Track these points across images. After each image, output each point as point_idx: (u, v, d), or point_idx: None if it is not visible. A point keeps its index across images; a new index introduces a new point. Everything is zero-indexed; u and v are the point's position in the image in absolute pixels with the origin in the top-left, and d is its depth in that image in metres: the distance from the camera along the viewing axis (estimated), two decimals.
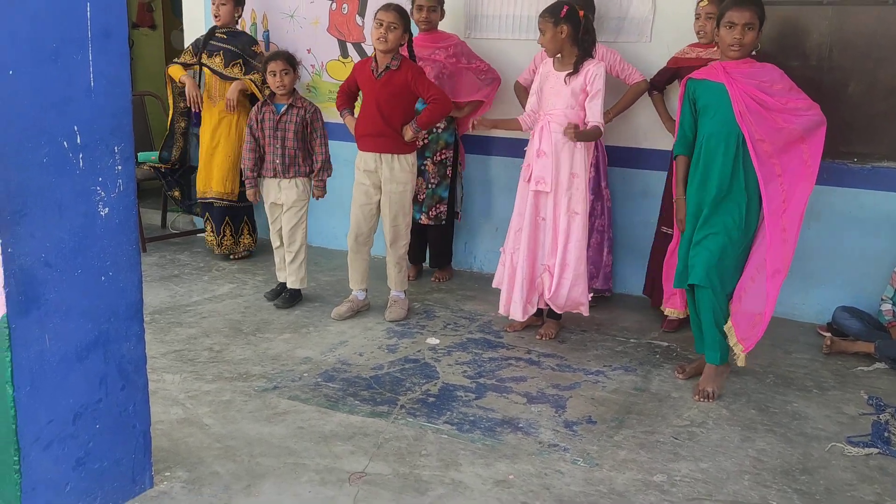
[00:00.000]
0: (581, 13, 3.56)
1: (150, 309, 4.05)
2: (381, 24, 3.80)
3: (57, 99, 2.02)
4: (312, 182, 4.23)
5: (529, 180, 3.70)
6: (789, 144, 3.15)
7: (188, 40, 5.63)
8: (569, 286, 3.69)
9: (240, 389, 3.23)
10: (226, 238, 5.10)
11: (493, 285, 3.94)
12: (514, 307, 3.79)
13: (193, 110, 5.03)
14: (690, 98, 3.28)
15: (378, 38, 3.81)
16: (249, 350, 3.65)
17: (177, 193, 5.41)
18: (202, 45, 4.95)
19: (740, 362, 3.25)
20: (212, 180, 4.99)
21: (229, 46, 4.88)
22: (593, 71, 3.56)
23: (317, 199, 4.28)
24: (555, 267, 3.68)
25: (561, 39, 3.56)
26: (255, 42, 5.05)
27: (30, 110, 1.95)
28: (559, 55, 3.64)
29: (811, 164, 3.16)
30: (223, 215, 5.05)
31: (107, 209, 2.19)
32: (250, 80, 4.83)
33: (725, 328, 3.25)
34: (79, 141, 2.08)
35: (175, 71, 5.02)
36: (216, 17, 4.91)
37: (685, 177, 3.34)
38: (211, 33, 4.96)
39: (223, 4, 4.87)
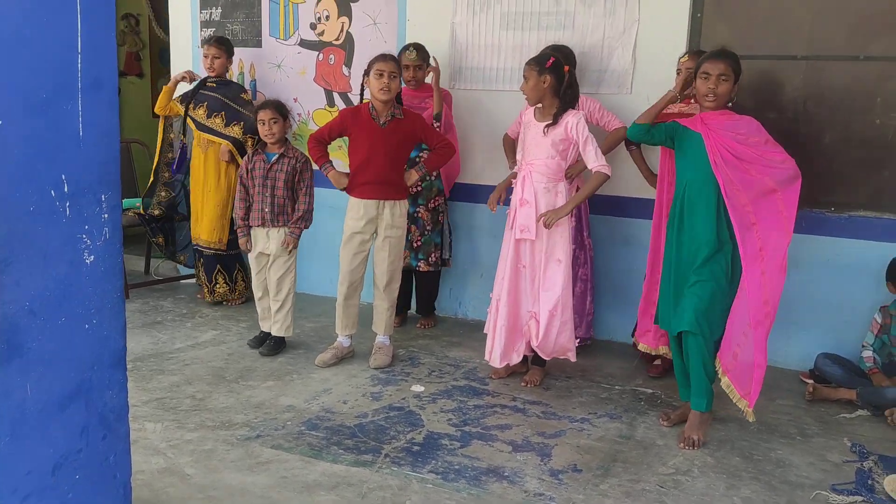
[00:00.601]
0: (567, 68, 3.64)
1: (133, 356, 4.02)
2: (383, 74, 3.86)
3: (46, 148, 2.03)
4: (288, 228, 4.19)
5: (513, 227, 3.75)
6: (763, 194, 3.21)
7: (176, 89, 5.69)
8: (556, 333, 3.71)
9: (222, 438, 3.19)
10: (218, 285, 5.11)
11: (484, 331, 3.95)
12: (494, 354, 3.81)
13: (190, 81, 5.08)
14: (670, 130, 3.36)
15: (381, 89, 3.86)
16: (232, 398, 3.62)
17: (160, 239, 5.43)
18: (191, 96, 5.01)
19: (749, 418, 3.25)
20: (201, 229, 5.02)
21: (217, 95, 4.95)
22: (572, 121, 3.61)
23: (286, 246, 4.14)
24: (541, 314, 3.70)
25: (543, 89, 3.63)
26: (244, 90, 5.13)
27: (19, 160, 1.97)
28: (540, 105, 3.71)
29: (787, 214, 3.21)
30: (214, 263, 5.07)
31: (92, 257, 2.19)
32: (231, 139, 4.88)
33: (723, 385, 3.26)
34: (66, 189, 2.09)
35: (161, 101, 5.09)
36: (209, 69, 4.97)
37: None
38: (202, 83, 5.03)
39: (217, 58, 4.95)
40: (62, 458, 2.17)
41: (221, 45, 4.99)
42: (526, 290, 3.77)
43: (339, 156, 5.19)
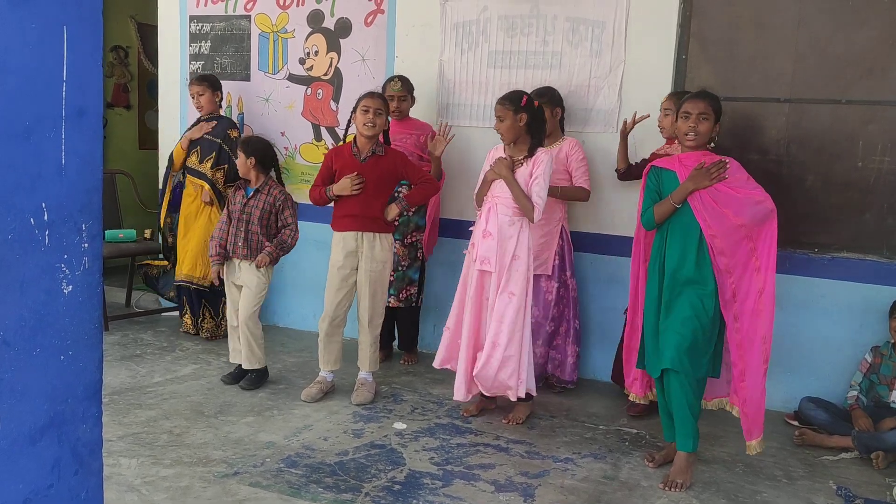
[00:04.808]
0: (536, 103, 3.68)
1: (110, 389, 3.95)
2: (369, 111, 3.90)
3: (27, 176, 2.00)
4: (266, 249, 4.09)
5: (475, 260, 3.74)
6: (738, 241, 3.19)
7: (163, 121, 5.71)
8: (496, 367, 3.65)
9: (199, 475, 3.12)
10: (206, 321, 5.05)
11: (434, 364, 3.95)
12: (458, 386, 3.79)
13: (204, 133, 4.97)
14: (655, 186, 3.34)
15: (365, 124, 3.90)
16: (210, 433, 3.55)
17: (166, 263, 5.29)
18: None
19: (749, 451, 3.29)
20: (185, 264, 4.97)
21: (208, 137, 4.92)
22: (541, 158, 3.66)
23: (257, 265, 4.07)
24: (485, 344, 3.68)
25: (519, 127, 3.66)
26: (233, 126, 5.07)
27: None
28: (513, 143, 3.72)
29: (759, 258, 3.20)
30: (200, 298, 5.01)
31: (70, 287, 2.15)
32: (208, 180, 4.86)
33: (735, 413, 3.27)
34: (46, 218, 2.06)
35: (178, 153, 5.02)
36: (198, 107, 4.97)
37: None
38: (196, 123, 5.01)
39: (201, 95, 4.94)
40: (32, 493, 2.11)
41: (203, 82, 4.96)
42: (487, 322, 3.74)
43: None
